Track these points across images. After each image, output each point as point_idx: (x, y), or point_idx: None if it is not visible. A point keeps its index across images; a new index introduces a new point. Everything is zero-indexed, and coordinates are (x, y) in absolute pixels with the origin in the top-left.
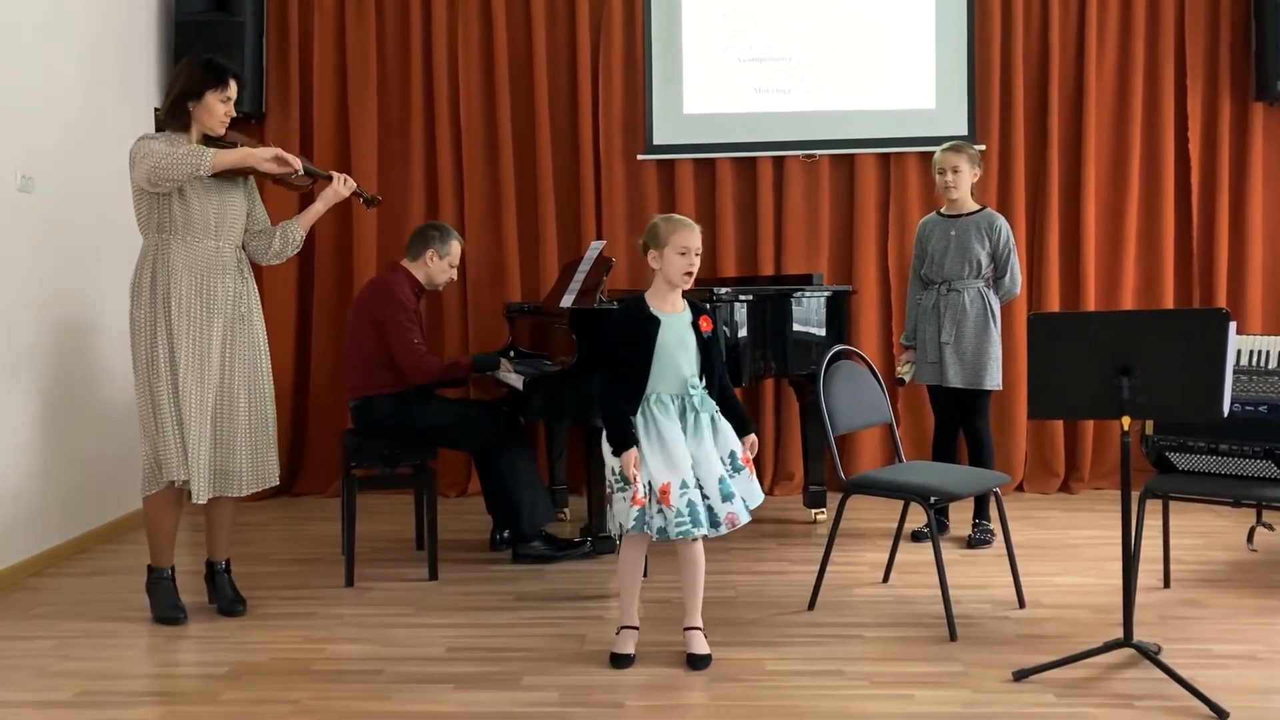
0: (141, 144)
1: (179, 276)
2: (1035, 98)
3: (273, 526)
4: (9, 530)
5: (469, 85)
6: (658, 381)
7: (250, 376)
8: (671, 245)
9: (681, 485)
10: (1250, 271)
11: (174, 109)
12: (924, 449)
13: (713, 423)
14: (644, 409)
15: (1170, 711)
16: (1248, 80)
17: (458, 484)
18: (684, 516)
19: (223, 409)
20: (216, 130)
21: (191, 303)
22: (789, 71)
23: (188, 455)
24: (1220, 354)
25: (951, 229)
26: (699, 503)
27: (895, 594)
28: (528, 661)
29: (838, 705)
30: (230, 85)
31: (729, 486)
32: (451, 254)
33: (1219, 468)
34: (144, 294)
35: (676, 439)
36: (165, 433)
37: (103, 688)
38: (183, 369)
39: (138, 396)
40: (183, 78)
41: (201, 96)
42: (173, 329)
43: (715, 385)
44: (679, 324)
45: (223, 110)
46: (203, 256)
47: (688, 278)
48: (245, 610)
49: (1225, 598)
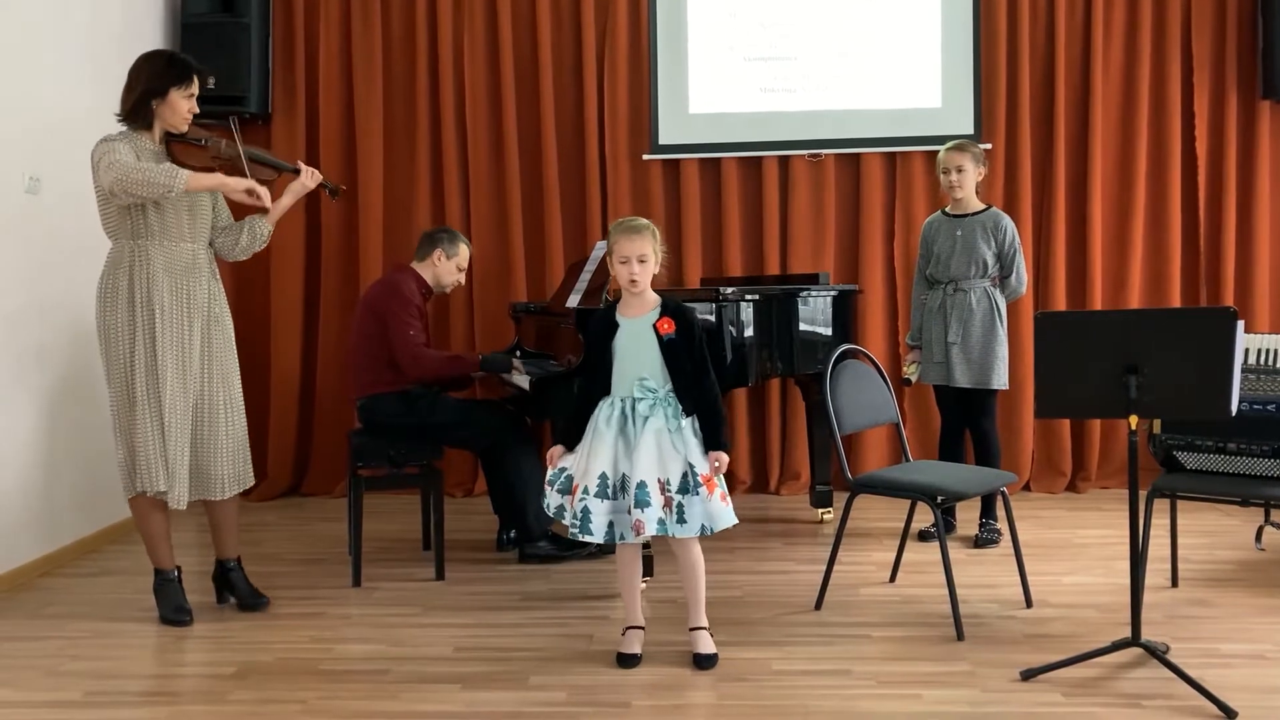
0: (105, 147)
1: (159, 281)
2: (1041, 96)
3: (280, 526)
4: (18, 531)
5: (474, 85)
6: (616, 385)
7: (226, 377)
8: (615, 254)
9: (583, 491)
10: (1258, 270)
11: (137, 107)
12: (930, 448)
13: (679, 431)
14: (598, 410)
15: (1178, 711)
16: (1255, 78)
17: (464, 484)
18: (575, 520)
19: (203, 412)
20: (180, 128)
21: (172, 307)
22: (794, 71)
23: (168, 464)
24: (1228, 353)
25: (957, 229)
26: (595, 511)
27: (902, 594)
28: (535, 661)
29: (845, 705)
30: (194, 81)
31: (645, 495)
32: (459, 255)
33: (1227, 467)
34: (120, 299)
35: (601, 445)
36: (144, 441)
37: (111, 688)
38: (166, 374)
39: (113, 403)
40: (145, 74)
41: (166, 94)
42: (155, 334)
43: (685, 391)
44: (638, 328)
45: (186, 107)
46: (180, 260)
47: (633, 285)
48: (269, 604)
49: (1233, 597)
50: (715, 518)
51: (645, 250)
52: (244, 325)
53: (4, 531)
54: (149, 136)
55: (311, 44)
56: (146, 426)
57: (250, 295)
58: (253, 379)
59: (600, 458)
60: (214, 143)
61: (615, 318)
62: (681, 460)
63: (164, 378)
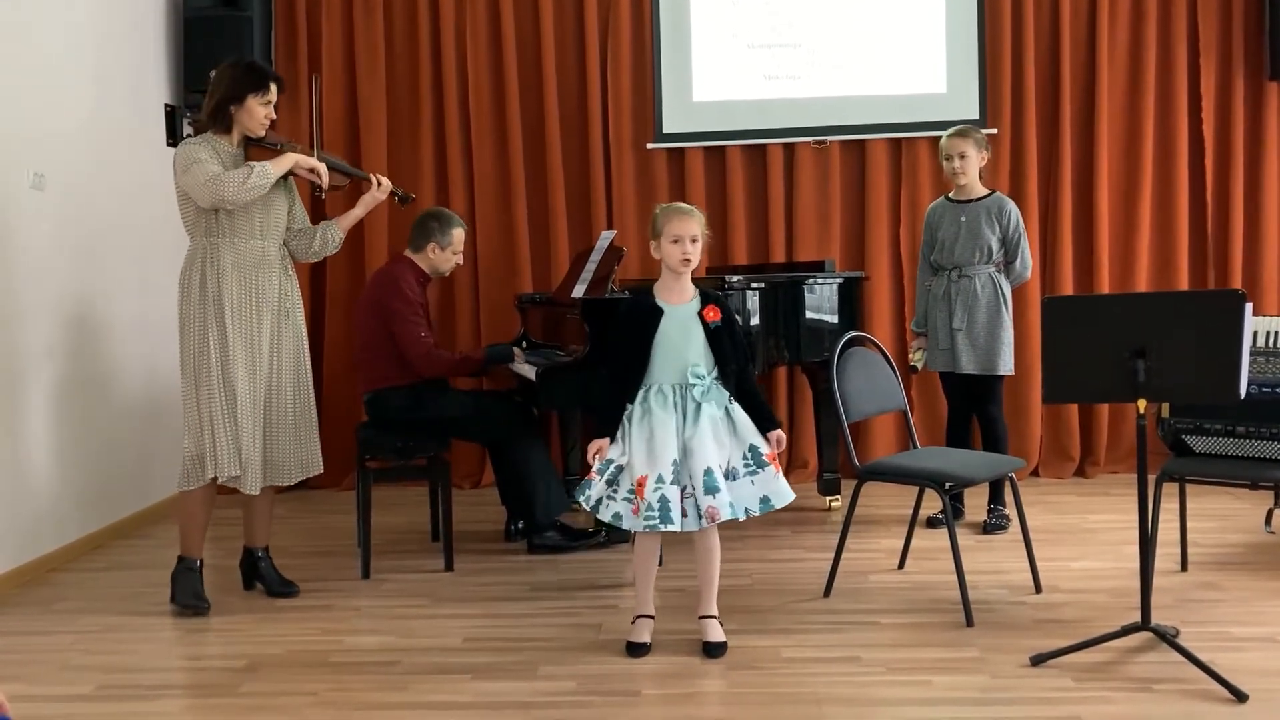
0: (189, 153)
1: (228, 276)
2: (1047, 80)
3: (289, 519)
4: (30, 526)
5: (478, 77)
6: (660, 372)
7: (295, 369)
8: (666, 234)
9: (658, 480)
10: (1266, 252)
11: (216, 113)
12: (938, 435)
13: (728, 416)
14: (643, 399)
15: (1189, 695)
16: (1261, 59)
17: (472, 475)
18: (654, 511)
19: (271, 401)
20: (257, 132)
21: (242, 301)
22: (798, 57)
23: (240, 451)
24: (1236, 335)
25: (961, 214)
26: (673, 499)
27: (911, 580)
28: (544, 651)
29: (855, 692)
30: (271, 88)
31: (714, 481)
32: (454, 242)
33: (1236, 450)
34: (193, 293)
35: (666, 432)
36: (217, 429)
37: (123, 681)
38: (235, 365)
39: (185, 393)
40: (225, 83)
41: (243, 101)
42: (225, 327)
43: (730, 377)
44: (684, 314)
45: (263, 113)
46: (250, 256)
47: (685, 264)
48: (299, 592)
49: (1243, 580)
50: (780, 494)
51: (697, 231)
52: None
53: (14, 527)
54: (228, 140)
55: (314, 36)
56: (218, 416)
57: None
58: None
59: (670, 445)
60: (290, 147)
61: (657, 304)
62: (733, 444)
63: (234, 369)
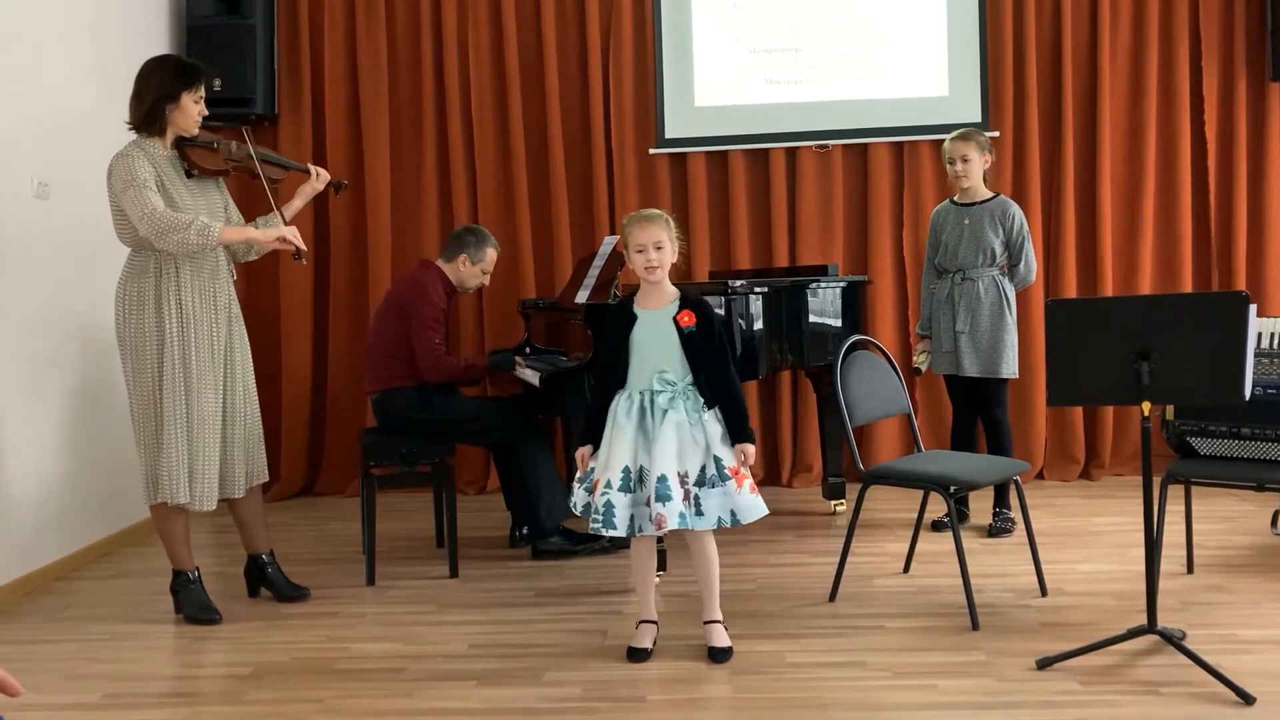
0: (125, 168)
1: (187, 287)
2: (1049, 82)
3: (294, 526)
4: (35, 534)
5: (480, 83)
6: (634, 378)
7: (245, 377)
8: (630, 245)
9: (606, 485)
10: (1270, 253)
11: (151, 114)
12: (943, 438)
13: (699, 424)
14: (615, 403)
15: (1196, 698)
16: (1264, 60)
17: (477, 481)
18: (598, 515)
19: (228, 413)
20: (191, 131)
21: (202, 311)
22: (800, 62)
23: (190, 475)
24: (1240, 337)
25: (965, 217)
26: (618, 505)
27: (916, 584)
28: (549, 657)
29: (861, 696)
30: (203, 84)
31: (667, 489)
32: (485, 260)
33: (1241, 452)
34: (146, 306)
35: (621, 437)
36: (169, 453)
37: (129, 689)
38: (202, 381)
39: (137, 411)
40: (155, 81)
41: (178, 99)
42: (186, 340)
43: (706, 383)
44: (657, 319)
45: (197, 110)
46: (206, 266)
47: (650, 272)
48: (309, 595)
49: (1249, 582)
50: (746, 510)
51: (660, 237)
52: (254, 326)
53: (21, 535)
54: (161, 143)
55: (316, 44)
56: (172, 438)
57: (260, 296)
58: (264, 380)
59: (621, 451)
60: (225, 145)
61: (633, 310)
62: (701, 453)
63: (194, 384)
